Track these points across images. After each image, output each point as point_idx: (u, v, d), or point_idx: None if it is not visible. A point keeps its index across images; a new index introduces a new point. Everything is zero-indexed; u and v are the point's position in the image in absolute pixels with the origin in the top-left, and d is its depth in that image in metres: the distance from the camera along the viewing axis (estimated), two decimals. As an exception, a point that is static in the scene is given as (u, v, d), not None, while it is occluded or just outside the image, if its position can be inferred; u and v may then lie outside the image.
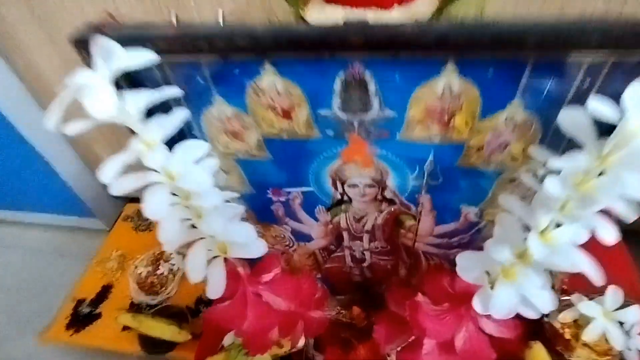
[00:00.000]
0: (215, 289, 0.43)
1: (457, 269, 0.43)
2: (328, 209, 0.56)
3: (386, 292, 0.62)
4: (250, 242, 0.43)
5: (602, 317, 0.58)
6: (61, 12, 0.82)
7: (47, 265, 1.23)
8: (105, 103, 0.29)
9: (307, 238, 0.63)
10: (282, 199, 0.55)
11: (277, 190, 0.54)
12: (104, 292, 0.91)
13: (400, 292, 0.59)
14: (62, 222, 1.29)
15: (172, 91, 0.34)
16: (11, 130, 0.98)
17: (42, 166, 1.07)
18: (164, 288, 0.87)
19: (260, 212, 0.59)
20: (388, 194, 0.52)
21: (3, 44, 0.90)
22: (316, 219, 0.59)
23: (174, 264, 0.92)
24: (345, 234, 0.61)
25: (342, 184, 0.52)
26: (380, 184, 0.51)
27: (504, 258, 0.39)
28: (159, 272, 0.90)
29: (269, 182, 0.53)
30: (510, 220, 0.39)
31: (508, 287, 0.40)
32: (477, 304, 0.43)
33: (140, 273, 0.91)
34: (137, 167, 0.34)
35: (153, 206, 0.34)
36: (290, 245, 0.65)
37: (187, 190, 0.37)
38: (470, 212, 0.53)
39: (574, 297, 0.62)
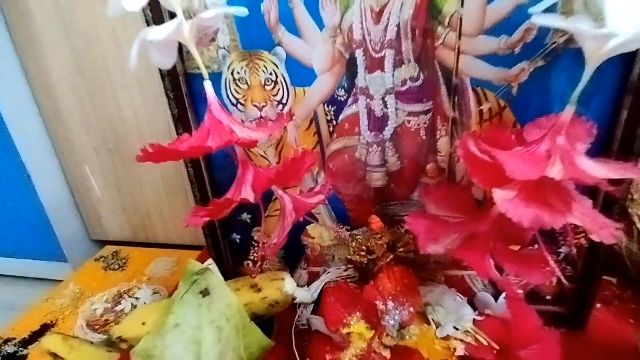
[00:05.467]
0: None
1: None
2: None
3: (420, 189, 0.54)
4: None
5: None
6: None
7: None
8: None
9: (306, 77, 0.52)
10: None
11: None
12: (41, 331, 0.69)
13: (442, 187, 0.51)
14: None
15: None
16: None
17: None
18: (119, 326, 0.67)
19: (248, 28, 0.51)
20: None
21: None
22: (320, 26, 0.49)
23: (138, 298, 0.73)
24: (359, 55, 0.50)
25: None
26: None
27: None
28: (118, 308, 0.72)
29: None
30: None
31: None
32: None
33: (96, 309, 0.72)
34: None
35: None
36: (284, 99, 0.54)
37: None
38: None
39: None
